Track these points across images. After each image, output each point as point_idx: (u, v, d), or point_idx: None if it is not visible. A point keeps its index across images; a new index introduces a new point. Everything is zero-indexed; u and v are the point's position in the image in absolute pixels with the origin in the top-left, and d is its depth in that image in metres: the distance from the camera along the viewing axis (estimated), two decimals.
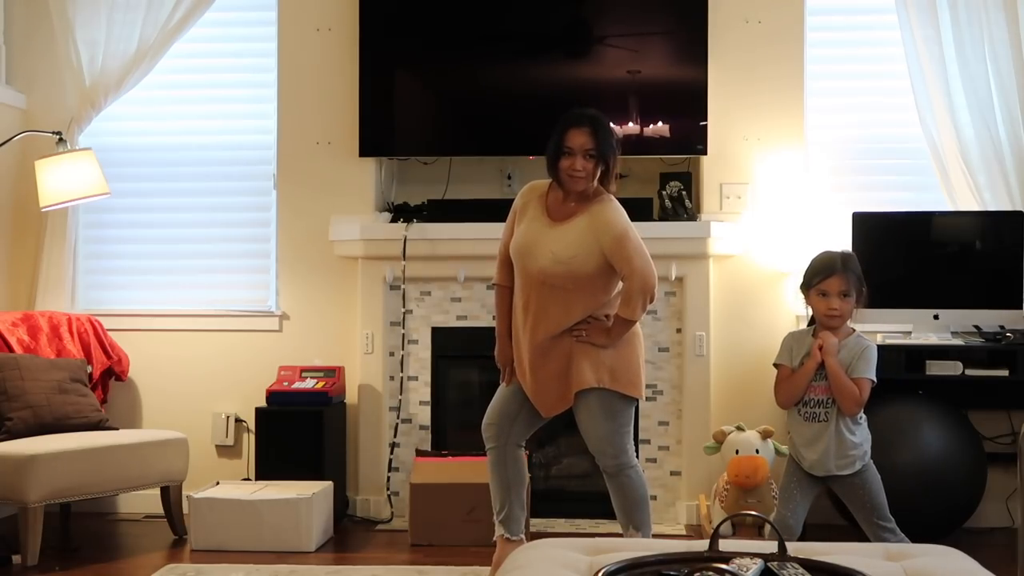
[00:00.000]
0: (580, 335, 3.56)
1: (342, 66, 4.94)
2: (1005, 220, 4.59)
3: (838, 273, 3.46)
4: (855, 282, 3.47)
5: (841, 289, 3.45)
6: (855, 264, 3.52)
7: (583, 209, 3.59)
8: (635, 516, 3.67)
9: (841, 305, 3.46)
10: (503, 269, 3.74)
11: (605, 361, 3.58)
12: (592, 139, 3.53)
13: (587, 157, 3.53)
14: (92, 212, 5.06)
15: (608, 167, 3.59)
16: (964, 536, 4.26)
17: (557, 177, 3.59)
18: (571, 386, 3.60)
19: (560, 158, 3.55)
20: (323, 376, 4.76)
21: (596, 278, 3.56)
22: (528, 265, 3.58)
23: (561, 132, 3.56)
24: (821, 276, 3.48)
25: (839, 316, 3.47)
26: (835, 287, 3.46)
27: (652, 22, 4.84)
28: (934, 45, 4.68)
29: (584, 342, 3.56)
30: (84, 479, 4.14)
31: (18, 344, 4.52)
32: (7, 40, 5.05)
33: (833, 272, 3.47)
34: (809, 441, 3.49)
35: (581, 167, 3.53)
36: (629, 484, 3.65)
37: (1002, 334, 4.47)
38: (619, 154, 3.64)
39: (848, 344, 3.48)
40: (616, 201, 3.64)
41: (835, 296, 3.46)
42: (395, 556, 4.25)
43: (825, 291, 3.47)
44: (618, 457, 3.63)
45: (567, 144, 3.54)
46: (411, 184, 5.09)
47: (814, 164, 4.89)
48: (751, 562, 2.18)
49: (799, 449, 3.53)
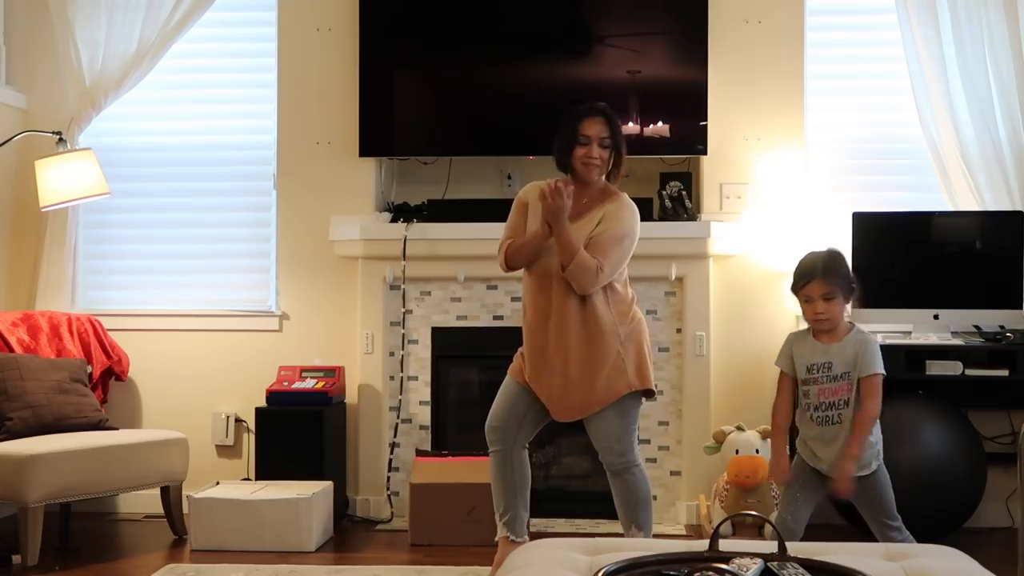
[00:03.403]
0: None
1: (342, 66, 4.94)
2: (1005, 220, 4.59)
3: (817, 278, 3.38)
4: (839, 282, 3.40)
5: (823, 293, 3.38)
6: (839, 263, 3.44)
7: (598, 205, 3.59)
8: (638, 515, 3.67)
9: (827, 308, 3.39)
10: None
11: (628, 362, 3.57)
12: (607, 128, 3.56)
13: (603, 146, 3.55)
14: (92, 212, 5.06)
15: (620, 160, 3.61)
16: (964, 536, 4.25)
17: (570, 167, 3.59)
18: (598, 393, 3.56)
19: (575, 147, 3.56)
20: (323, 376, 4.76)
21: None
22: (545, 260, 3.56)
23: (576, 122, 3.57)
24: (802, 282, 3.42)
25: (826, 319, 3.41)
26: (817, 291, 3.39)
27: (652, 22, 4.84)
28: (934, 45, 4.68)
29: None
30: (84, 479, 4.14)
31: (18, 344, 4.52)
32: (7, 40, 5.06)
33: (813, 277, 3.40)
34: (827, 443, 3.43)
35: (598, 155, 3.55)
36: (634, 482, 3.65)
37: (1002, 334, 4.47)
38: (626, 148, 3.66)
39: (849, 341, 3.42)
40: (634, 205, 3.65)
41: (818, 300, 3.39)
42: (395, 556, 4.24)
43: (808, 296, 3.41)
44: (625, 455, 3.62)
45: (583, 133, 3.55)
46: (411, 184, 5.09)
47: (814, 164, 4.89)
48: (751, 562, 2.18)
49: (813, 450, 3.47)
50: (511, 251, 3.62)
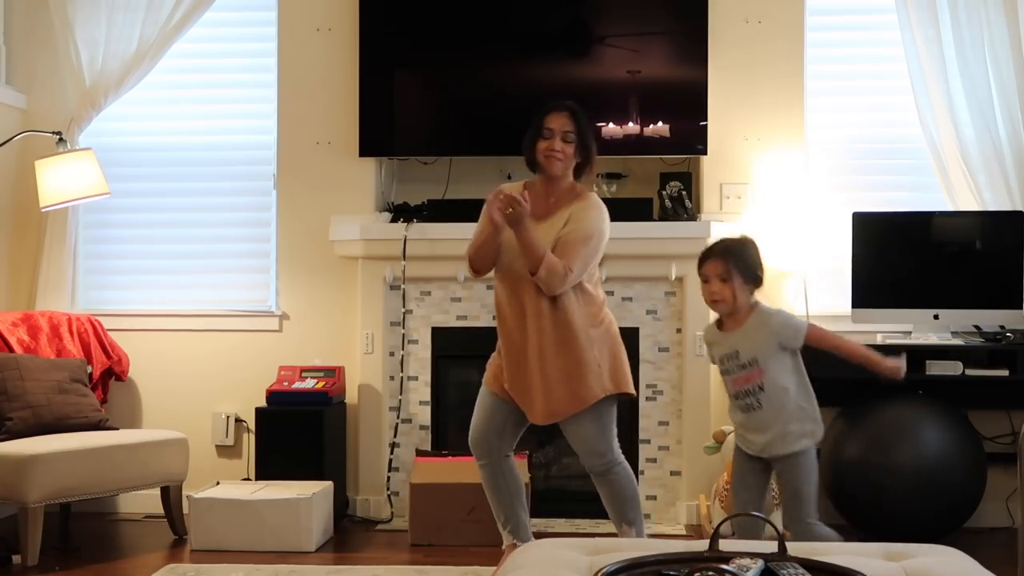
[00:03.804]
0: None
1: (342, 66, 4.94)
2: (1005, 220, 4.58)
3: (714, 257, 3.38)
4: (738, 264, 3.36)
5: (719, 273, 3.35)
6: (744, 248, 3.41)
7: (566, 204, 3.58)
8: (628, 512, 3.66)
9: (721, 289, 3.35)
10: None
11: (602, 365, 3.56)
12: (572, 122, 3.56)
13: (566, 140, 3.55)
14: (92, 212, 5.06)
15: (587, 157, 3.60)
16: (964, 536, 4.25)
17: (534, 161, 3.60)
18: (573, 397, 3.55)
19: (538, 141, 3.57)
20: (323, 376, 4.76)
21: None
22: (515, 263, 3.55)
23: (541, 117, 3.59)
24: (700, 262, 3.43)
25: (721, 301, 3.37)
26: (713, 271, 3.37)
27: (652, 22, 4.84)
28: (934, 45, 4.68)
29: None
30: (84, 479, 4.14)
31: (18, 344, 4.52)
32: (7, 40, 5.05)
33: (709, 256, 3.40)
34: (753, 429, 3.39)
35: (560, 148, 3.55)
36: (618, 481, 3.64)
37: (1002, 334, 4.47)
38: (596, 151, 3.64)
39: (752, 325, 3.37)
40: (602, 204, 3.63)
41: (714, 280, 3.36)
42: (395, 556, 4.24)
43: (706, 276, 3.40)
44: (605, 456, 3.62)
45: (547, 126, 3.57)
46: (411, 184, 5.09)
47: (814, 164, 4.89)
48: (751, 562, 2.17)
49: (744, 435, 3.43)
50: (472, 253, 3.63)
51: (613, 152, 4.81)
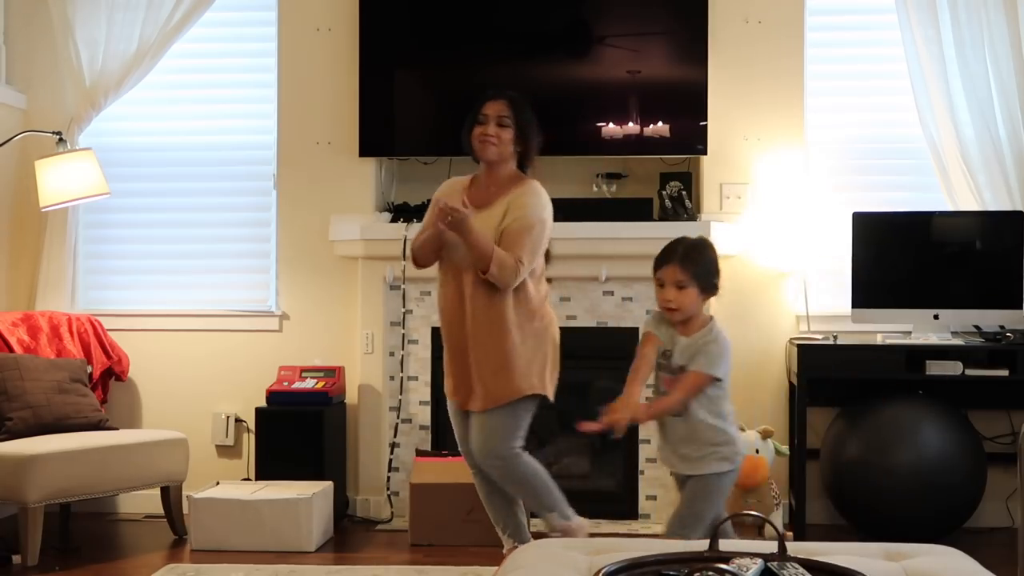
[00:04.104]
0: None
1: (342, 66, 4.94)
2: (1005, 220, 4.58)
3: (673, 263, 3.20)
4: (696, 272, 3.20)
5: (676, 280, 3.19)
6: (702, 254, 3.25)
7: (504, 193, 3.59)
8: (546, 499, 3.64)
9: (677, 297, 3.19)
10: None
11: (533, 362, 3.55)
12: (508, 108, 3.58)
13: (501, 124, 3.58)
14: (92, 212, 5.06)
15: (527, 145, 3.61)
16: (964, 536, 4.26)
17: (470, 147, 3.62)
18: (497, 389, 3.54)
19: (474, 127, 3.60)
20: (323, 376, 4.76)
21: None
22: (454, 256, 3.56)
23: (479, 104, 3.62)
24: (658, 264, 3.25)
25: (676, 309, 3.20)
26: (670, 277, 3.20)
27: (652, 22, 4.84)
28: (934, 45, 4.68)
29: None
30: (84, 479, 4.14)
31: (18, 344, 4.52)
32: (7, 40, 5.05)
33: (668, 262, 3.22)
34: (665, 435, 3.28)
35: (494, 132, 3.58)
36: (525, 469, 3.60)
37: (1002, 334, 4.47)
38: (539, 136, 3.64)
39: (698, 338, 3.21)
40: (543, 190, 3.63)
41: (670, 287, 3.19)
42: (395, 556, 4.25)
43: (661, 280, 3.23)
44: (503, 456, 3.59)
45: (483, 112, 3.60)
46: (411, 184, 5.09)
47: (814, 164, 4.89)
48: (751, 562, 2.17)
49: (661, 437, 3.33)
50: (415, 247, 3.64)
51: (613, 152, 4.82)
